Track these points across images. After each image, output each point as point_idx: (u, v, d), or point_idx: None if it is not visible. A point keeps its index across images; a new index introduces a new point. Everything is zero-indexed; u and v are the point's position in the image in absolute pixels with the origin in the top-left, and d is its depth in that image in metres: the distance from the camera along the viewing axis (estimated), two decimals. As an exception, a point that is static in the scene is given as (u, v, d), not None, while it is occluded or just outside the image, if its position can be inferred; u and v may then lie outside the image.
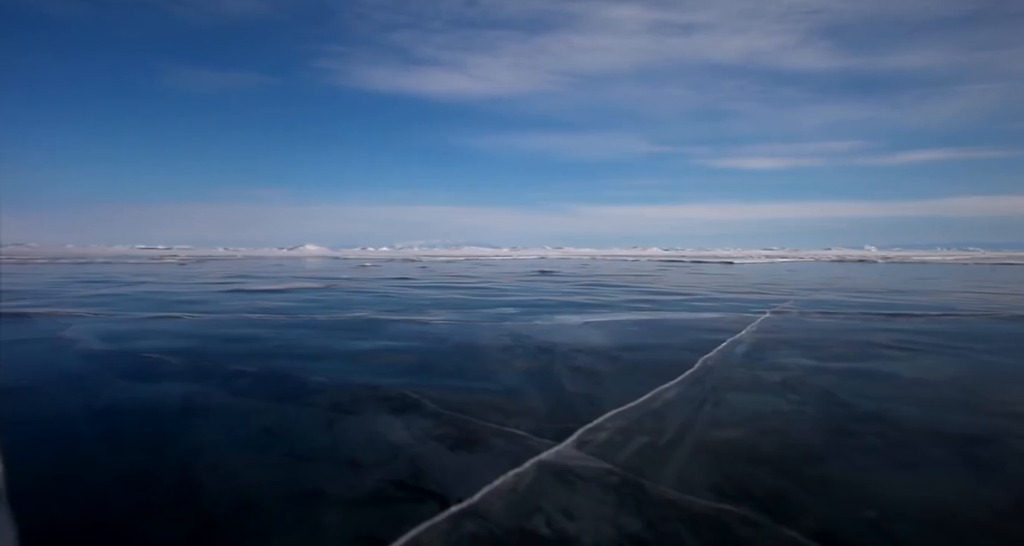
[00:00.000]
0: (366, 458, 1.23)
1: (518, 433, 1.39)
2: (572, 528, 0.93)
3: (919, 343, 2.73)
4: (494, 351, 2.50)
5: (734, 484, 1.10)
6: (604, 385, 1.88)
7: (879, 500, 1.04)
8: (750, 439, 1.37)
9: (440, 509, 0.99)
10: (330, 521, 0.95)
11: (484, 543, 0.89)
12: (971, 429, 1.45)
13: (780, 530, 0.93)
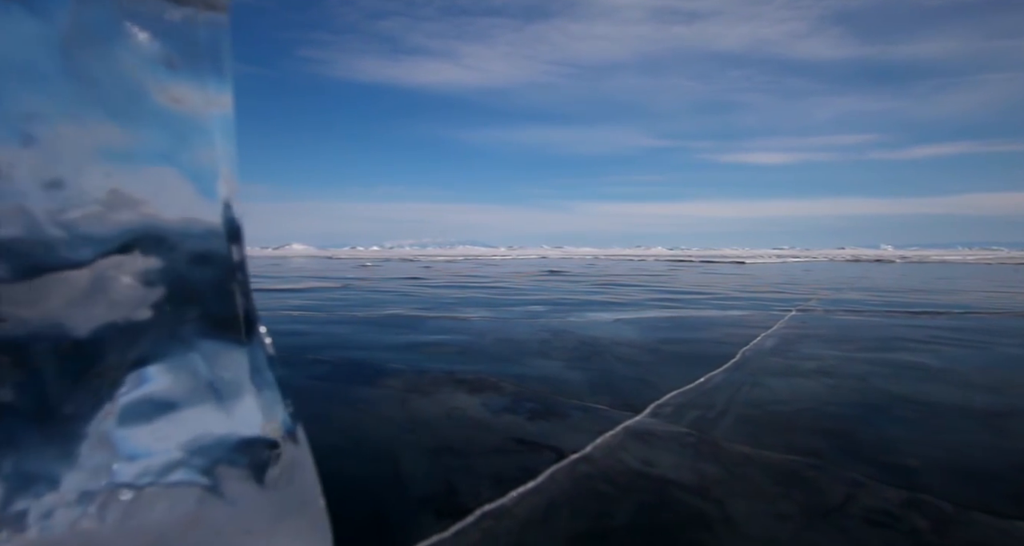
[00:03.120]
0: (475, 424, 1.52)
1: (598, 407, 1.68)
2: (667, 472, 1.22)
3: (944, 338, 3.03)
4: (542, 344, 2.78)
5: (793, 443, 1.39)
6: (657, 372, 2.17)
7: (915, 457, 1.33)
8: (800, 411, 1.66)
9: (559, 458, 1.27)
10: (473, 464, 1.24)
11: (601, 479, 1.17)
12: (995, 407, 1.75)
13: (841, 472, 1.22)
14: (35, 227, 0.57)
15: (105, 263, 0.64)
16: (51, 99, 0.57)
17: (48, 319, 0.61)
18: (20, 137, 0.55)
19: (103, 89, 0.62)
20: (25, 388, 0.61)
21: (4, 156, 0.55)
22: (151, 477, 0.68)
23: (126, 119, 0.66)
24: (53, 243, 0.59)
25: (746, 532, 0.97)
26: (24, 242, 0.57)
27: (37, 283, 0.60)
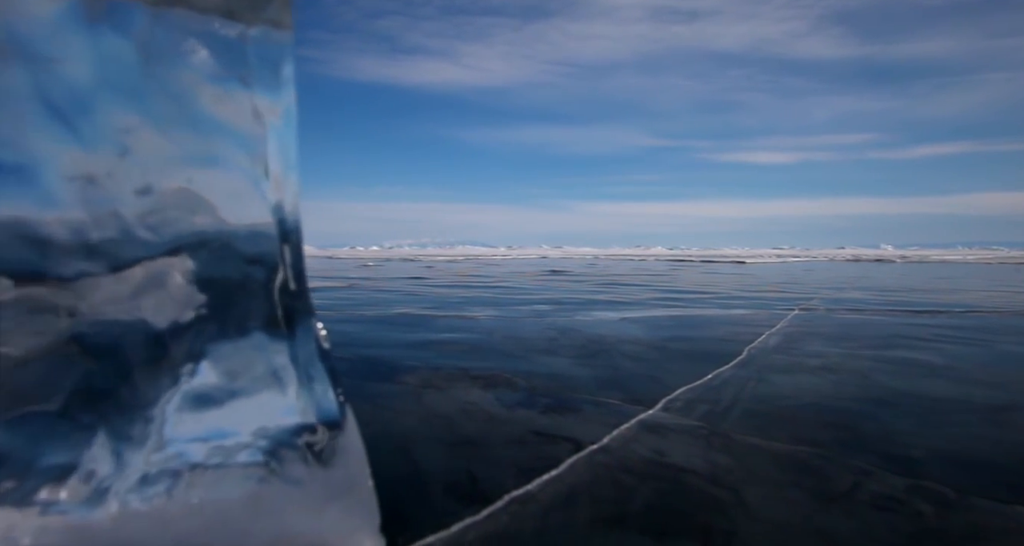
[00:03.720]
0: (493, 417, 1.58)
1: (611, 402, 1.74)
2: (681, 461, 1.28)
3: (946, 336, 3.09)
4: (550, 342, 2.85)
5: (800, 435, 1.45)
6: (666, 368, 2.24)
7: (918, 448, 1.39)
8: (806, 406, 1.72)
9: (578, 449, 1.34)
10: (496, 454, 1.30)
11: (618, 468, 1.23)
12: (996, 401, 1.81)
13: (848, 462, 1.28)
14: (127, 230, 0.63)
15: (178, 262, 0.70)
16: (143, 113, 0.63)
17: (130, 313, 0.67)
18: (117, 149, 0.61)
19: (181, 102, 0.69)
20: (106, 375, 0.68)
21: (103, 166, 0.61)
22: (217, 459, 0.74)
23: (197, 129, 0.72)
24: (141, 244, 0.65)
25: (758, 516, 1.03)
26: (116, 243, 0.63)
27: (124, 280, 0.66)
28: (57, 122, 0.59)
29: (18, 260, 0.60)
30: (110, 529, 0.66)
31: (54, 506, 0.63)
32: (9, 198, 0.58)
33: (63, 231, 0.61)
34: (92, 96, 0.61)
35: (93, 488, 0.65)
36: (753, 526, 0.99)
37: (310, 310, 0.82)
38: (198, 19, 0.72)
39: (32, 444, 0.62)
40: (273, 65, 0.77)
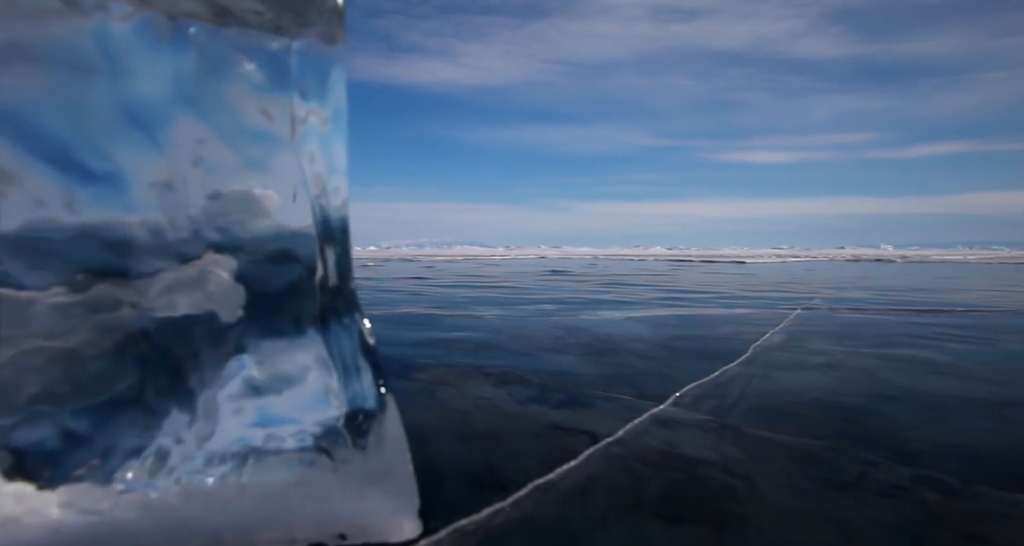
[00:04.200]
0: (509, 412, 1.64)
1: (622, 397, 1.80)
2: (694, 453, 1.33)
3: (948, 335, 3.15)
4: (557, 340, 2.90)
5: (807, 429, 1.51)
6: (673, 366, 2.29)
7: (922, 441, 1.45)
8: (812, 401, 1.78)
9: (594, 441, 1.39)
10: (516, 447, 1.36)
11: (634, 459, 1.29)
12: (998, 397, 1.87)
13: (854, 453, 1.34)
14: (198, 231, 0.69)
15: (236, 261, 0.76)
16: (208, 124, 0.69)
17: (193, 308, 0.72)
18: (192, 159, 0.67)
19: (235, 112, 0.74)
20: (170, 365, 0.73)
21: (179, 174, 0.66)
22: (268, 444, 0.80)
23: (248, 137, 0.78)
24: (207, 244, 0.71)
25: (770, 503, 1.09)
26: (188, 243, 0.69)
27: (190, 277, 0.71)
28: (141, 134, 0.64)
29: (104, 259, 0.65)
30: (178, 505, 0.72)
31: (130, 483, 0.69)
32: (99, 202, 0.63)
33: (143, 232, 0.66)
34: (168, 109, 0.67)
35: (164, 468, 0.70)
36: (765, 512, 1.05)
37: (354, 306, 0.87)
38: (249, 35, 0.78)
39: (110, 428, 0.68)
40: (320, 75, 0.83)
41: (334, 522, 0.84)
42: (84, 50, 0.63)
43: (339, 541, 0.84)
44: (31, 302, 0.64)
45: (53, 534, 0.68)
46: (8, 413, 0.64)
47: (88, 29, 0.62)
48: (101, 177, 0.64)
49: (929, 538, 0.96)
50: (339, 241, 0.87)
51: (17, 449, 0.65)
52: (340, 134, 0.84)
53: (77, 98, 0.63)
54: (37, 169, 0.62)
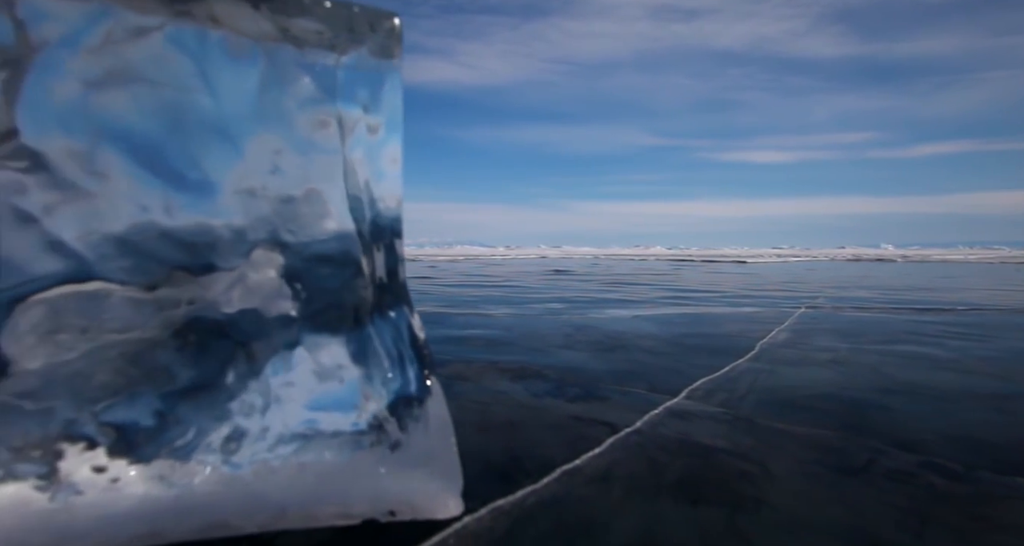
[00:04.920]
0: (530, 405, 1.71)
1: (637, 391, 1.87)
2: (710, 441, 1.40)
3: (950, 333, 3.22)
4: (568, 338, 2.98)
5: (816, 420, 1.58)
6: (684, 362, 2.36)
7: (925, 431, 1.52)
8: (819, 395, 1.85)
9: (614, 431, 1.46)
10: (539, 436, 1.43)
11: (653, 447, 1.36)
12: (998, 391, 1.94)
13: (862, 442, 1.41)
14: (275, 233, 0.76)
15: (302, 259, 0.83)
16: (287, 136, 0.76)
17: (267, 302, 0.80)
18: (271, 167, 0.74)
19: (301, 124, 0.81)
20: (244, 354, 0.80)
21: (259, 181, 0.73)
22: (325, 428, 0.87)
23: (311, 147, 0.85)
24: (281, 245, 0.78)
25: (783, 486, 1.16)
26: (267, 244, 0.76)
27: (265, 274, 0.78)
28: (228, 145, 0.71)
29: (190, 257, 0.72)
30: (251, 481, 0.79)
31: (212, 460, 0.76)
32: (192, 207, 0.70)
33: (228, 234, 0.73)
34: (247, 122, 0.74)
35: (240, 447, 0.78)
36: (779, 494, 1.12)
37: (403, 301, 0.94)
38: (307, 53, 0.85)
39: (194, 411, 0.75)
40: (371, 87, 0.90)
41: (385, 500, 0.91)
42: (184, 71, 0.70)
43: (389, 517, 0.91)
44: (131, 296, 0.72)
45: (140, 505, 0.75)
46: (109, 395, 0.71)
47: (188, 53, 0.69)
48: (194, 184, 0.71)
49: (935, 517, 1.03)
50: (388, 241, 0.94)
51: (116, 427, 0.72)
52: (392, 140, 0.91)
53: (178, 114, 0.70)
54: (143, 178, 0.69)
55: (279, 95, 0.80)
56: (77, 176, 0.67)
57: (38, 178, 0.66)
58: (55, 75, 0.65)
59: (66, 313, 0.70)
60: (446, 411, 0.95)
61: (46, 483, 0.70)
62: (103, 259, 0.70)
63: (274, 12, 0.78)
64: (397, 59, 0.88)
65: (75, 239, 0.68)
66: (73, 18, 0.66)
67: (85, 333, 0.70)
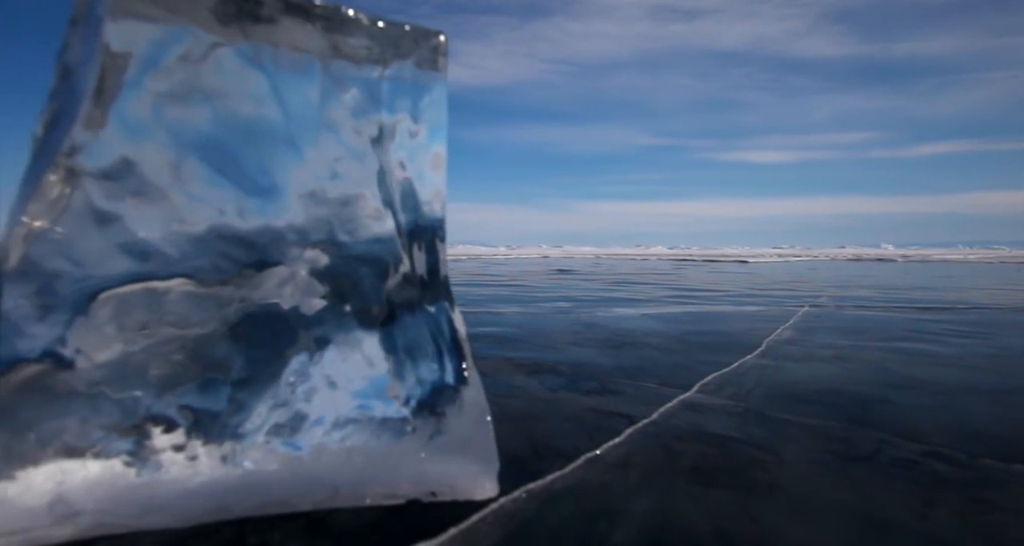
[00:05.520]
0: (548, 398, 1.77)
1: (650, 386, 1.94)
2: (723, 431, 1.47)
3: (952, 330, 3.29)
4: (577, 335, 3.04)
5: (823, 412, 1.65)
6: (693, 358, 2.43)
7: (928, 423, 1.58)
8: (825, 389, 1.92)
9: (632, 422, 1.53)
10: (560, 427, 1.49)
11: (669, 437, 1.43)
12: (999, 386, 2.00)
13: (870, 433, 1.48)
14: (332, 233, 0.83)
15: (352, 257, 0.90)
16: (342, 143, 0.83)
17: (327, 297, 0.86)
18: (330, 174, 0.81)
19: (347, 131, 0.88)
20: (305, 343, 0.87)
21: (321, 186, 0.80)
22: (373, 414, 0.94)
23: (355, 152, 0.92)
24: (339, 244, 0.85)
25: (794, 471, 1.22)
26: (324, 243, 0.83)
27: (323, 272, 0.85)
28: (296, 155, 0.78)
29: (259, 256, 0.79)
30: (308, 462, 0.86)
31: (273, 443, 0.83)
32: (261, 210, 0.77)
33: (292, 235, 0.80)
34: (309, 131, 0.81)
35: (300, 431, 0.85)
36: (790, 479, 1.19)
37: (444, 296, 1.01)
38: (354, 67, 0.92)
39: (257, 396, 0.82)
40: (413, 96, 0.96)
41: (426, 481, 0.98)
42: (256, 86, 0.77)
43: (431, 497, 0.97)
44: (204, 292, 0.79)
45: (210, 482, 0.82)
46: (186, 381, 0.78)
47: (260, 68, 0.76)
48: (264, 189, 0.78)
49: (939, 500, 1.10)
50: (430, 240, 1.00)
51: (193, 410, 0.79)
52: (434, 145, 0.98)
53: (251, 125, 0.77)
54: (223, 184, 0.76)
55: (334, 105, 0.87)
56: (165, 182, 0.74)
57: (128, 183, 0.73)
58: (141, 91, 0.72)
59: (146, 307, 0.77)
60: (484, 399, 1.02)
61: (134, 460, 0.76)
62: (184, 258, 0.77)
63: (326, 30, 0.85)
64: (442, 71, 0.95)
65: (160, 239, 0.75)
66: (154, 38, 0.72)
67: (165, 325, 0.76)
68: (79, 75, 0.72)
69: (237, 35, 0.76)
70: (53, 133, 0.73)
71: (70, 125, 0.69)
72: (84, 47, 0.73)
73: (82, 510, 0.73)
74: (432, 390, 0.98)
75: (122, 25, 0.70)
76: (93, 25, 0.70)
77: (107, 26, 0.69)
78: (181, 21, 0.72)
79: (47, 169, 0.69)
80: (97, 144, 0.71)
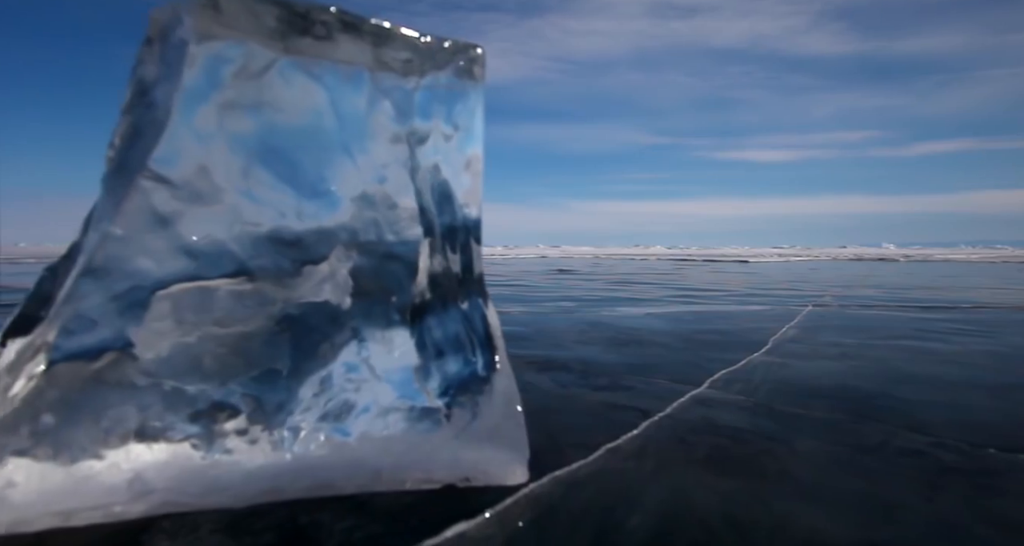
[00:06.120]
0: (563, 393, 1.84)
1: (661, 382, 2.01)
2: (735, 424, 1.54)
3: (955, 329, 3.37)
4: (584, 333, 3.11)
5: (830, 407, 1.72)
6: (701, 356, 2.50)
7: (933, 416, 1.66)
8: (832, 385, 1.99)
9: (647, 416, 1.60)
10: (577, 420, 1.56)
11: (684, 429, 1.49)
12: (1001, 382, 2.08)
13: (877, 426, 1.55)
14: (380, 233, 0.89)
15: (400, 255, 0.97)
16: (388, 150, 0.90)
17: (373, 294, 0.93)
18: (378, 178, 0.87)
19: (404, 138, 0.95)
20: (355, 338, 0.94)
21: (370, 189, 0.87)
22: (414, 404, 1.01)
23: (409, 157, 0.99)
24: (387, 244, 0.92)
25: (804, 460, 1.29)
26: (374, 243, 0.90)
27: (371, 270, 0.92)
28: (349, 160, 0.85)
29: (314, 255, 0.86)
30: (355, 447, 0.93)
31: (323, 429, 0.90)
32: (318, 213, 0.84)
33: (345, 235, 0.87)
34: (360, 138, 0.88)
35: (348, 418, 0.91)
36: (800, 467, 1.26)
37: (479, 292, 1.08)
38: (397, 77, 0.99)
39: (309, 386, 0.89)
40: (451, 104, 1.03)
41: (461, 467, 1.04)
42: (316, 98, 0.84)
43: (466, 482, 1.04)
44: (264, 287, 0.86)
45: (266, 465, 0.89)
46: (248, 371, 0.85)
47: (319, 82, 0.83)
48: (321, 193, 0.85)
49: (945, 486, 1.17)
50: (464, 240, 1.07)
51: (254, 398, 0.86)
52: (468, 149, 1.04)
53: (313, 135, 0.84)
54: (285, 190, 0.83)
55: (379, 113, 0.94)
56: (234, 188, 0.81)
57: (202, 190, 0.80)
58: (216, 105, 0.79)
59: (212, 304, 0.83)
60: (515, 390, 1.09)
61: (200, 443, 0.83)
62: (248, 257, 0.84)
63: (374, 45, 0.92)
64: (478, 80, 1.02)
65: (228, 240, 0.82)
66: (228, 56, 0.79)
67: (229, 320, 0.83)
68: (158, 91, 0.79)
69: (298, 50, 0.83)
70: (136, 145, 0.80)
71: (154, 138, 0.76)
72: (163, 66, 0.80)
73: (155, 488, 0.80)
74: (466, 381, 1.05)
75: (203, 47, 0.77)
76: (174, 47, 0.77)
77: (191, 49, 0.76)
78: (251, 40, 0.79)
79: (132, 179, 0.76)
80: (177, 155, 0.77)
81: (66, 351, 0.76)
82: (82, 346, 0.77)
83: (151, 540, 0.84)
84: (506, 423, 1.06)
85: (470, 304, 1.07)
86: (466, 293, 1.07)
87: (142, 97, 0.83)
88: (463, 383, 1.05)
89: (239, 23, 0.78)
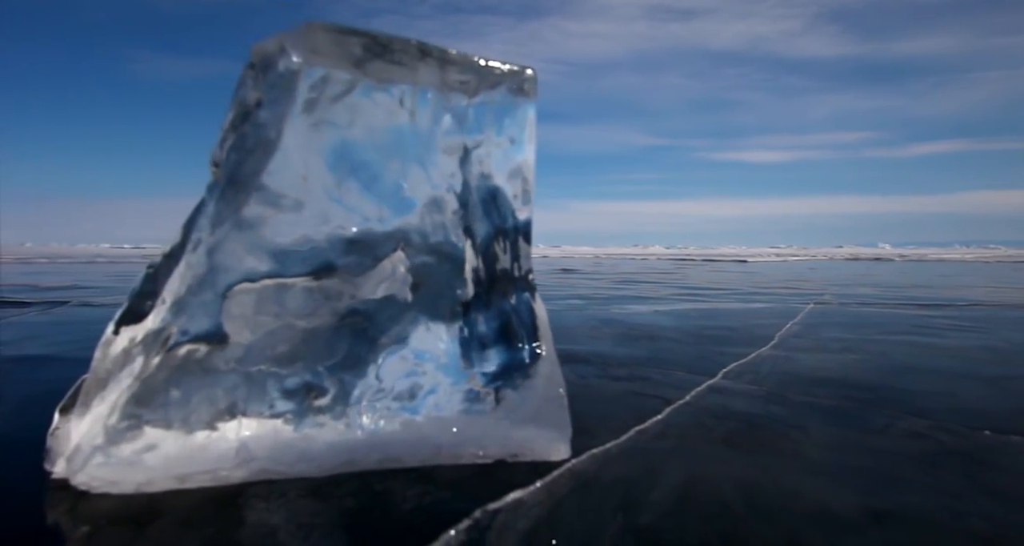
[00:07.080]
0: (588, 383, 1.95)
1: (677, 373, 2.12)
2: (749, 410, 1.65)
3: (953, 325, 3.48)
4: (596, 330, 3.22)
5: (837, 395, 1.83)
6: (712, 350, 2.61)
7: (933, 403, 1.77)
8: (837, 376, 2.10)
9: (668, 403, 1.71)
10: (604, 407, 1.67)
11: (703, 414, 1.60)
12: (997, 373, 2.19)
13: (881, 411, 1.66)
14: (447, 234, 1.00)
15: (459, 253, 1.08)
16: (452, 159, 1.01)
17: (432, 290, 1.04)
18: (443, 185, 0.98)
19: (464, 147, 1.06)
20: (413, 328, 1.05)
21: (437, 194, 0.98)
22: (468, 387, 1.12)
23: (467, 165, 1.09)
24: (452, 243, 1.03)
25: (814, 440, 1.40)
26: (441, 243, 1.01)
27: (434, 266, 1.03)
28: (420, 170, 0.96)
29: (389, 254, 0.97)
30: (423, 424, 1.04)
31: (395, 408, 1.01)
32: (396, 216, 0.95)
33: (417, 237, 0.98)
34: (429, 151, 0.99)
35: (416, 398, 1.02)
36: (813, 446, 1.37)
37: (527, 287, 1.19)
38: (457, 94, 1.10)
39: (386, 368, 1.00)
40: (503, 117, 1.14)
41: (510, 445, 1.15)
42: (401, 118, 0.95)
43: (514, 458, 1.15)
44: (348, 283, 0.97)
45: (344, 439, 1.00)
46: (333, 356, 0.96)
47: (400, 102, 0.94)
48: (400, 199, 0.96)
49: (945, 462, 1.28)
50: (512, 239, 1.18)
51: (338, 379, 0.97)
52: (518, 157, 1.15)
53: (393, 148, 0.95)
54: (369, 197, 0.94)
55: (443, 127, 1.05)
56: (329, 196, 0.92)
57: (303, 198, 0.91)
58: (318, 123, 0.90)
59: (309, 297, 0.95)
60: (559, 375, 1.20)
61: (293, 417, 0.94)
62: (338, 257, 0.95)
63: (440, 68, 1.03)
64: (529, 96, 1.13)
65: (323, 240, 0.93)
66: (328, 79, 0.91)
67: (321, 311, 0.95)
68: (263, 112, 0.90)
69: (380, 75, 0.94)
70: (247, 160, 0.91)
71: (264, 154, 0.87)
72: (268, 91, 0.91)
73: (256, 456, 0.91)
74: (515, 367, 1.16)
75: (306, 75, 0.88)
76: (280, 75, 0.88)
77: (301, 77, 0.87)
78: (342, 67, 0.90)
79: (247, 190, 0.87)
80: (285, 169, 0.89)
81: (186, 337, 0.87)
82: (199, 333, 0.88)
83: (248, 503, 0.95)
84: (550, 405, 1.17)
85: (518, 298, 1.18)
86: (515, 288, 1.17)
87: (247, 117, 0.94)
88: (512, 369, 1.15)
89: (333, 53, 0.89)
